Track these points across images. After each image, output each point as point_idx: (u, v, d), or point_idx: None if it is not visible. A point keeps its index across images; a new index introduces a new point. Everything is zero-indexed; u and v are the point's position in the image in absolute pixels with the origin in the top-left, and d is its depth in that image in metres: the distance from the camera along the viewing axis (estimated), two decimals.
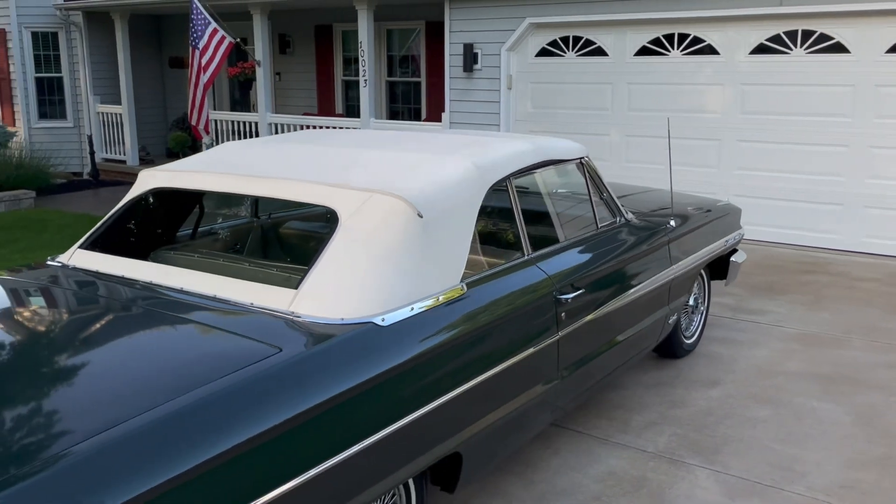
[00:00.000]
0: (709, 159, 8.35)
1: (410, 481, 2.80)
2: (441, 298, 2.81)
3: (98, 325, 2.67)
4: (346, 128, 9.82)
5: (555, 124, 9.16)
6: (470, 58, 9.36)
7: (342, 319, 2.53)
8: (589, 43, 8.87)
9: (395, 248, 2.73)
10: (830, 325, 5.74)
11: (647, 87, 8.60)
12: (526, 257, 3.38)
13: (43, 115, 13.56)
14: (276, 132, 11.24)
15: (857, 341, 5.41)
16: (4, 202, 10.99)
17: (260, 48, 11.20)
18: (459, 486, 2.95)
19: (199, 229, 3.79)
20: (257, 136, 11.41)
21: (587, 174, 3.99)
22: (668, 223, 4.53)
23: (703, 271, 5.22)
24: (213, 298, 2.71)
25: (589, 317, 3.59)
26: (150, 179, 3.45)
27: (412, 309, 2.69)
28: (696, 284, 5.16)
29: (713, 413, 4.34)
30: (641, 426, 4.19)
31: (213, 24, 10.00)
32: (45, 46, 13.31)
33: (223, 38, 10.11)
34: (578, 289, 3.49)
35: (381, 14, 10.56)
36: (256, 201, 4.07)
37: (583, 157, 3.98)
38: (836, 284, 6.73)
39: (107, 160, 13.45)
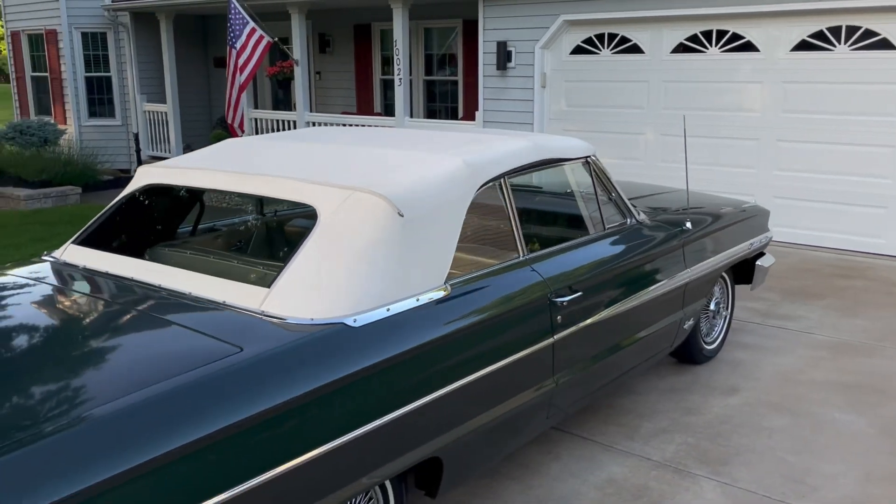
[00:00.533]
0: (747, 159, 8.09)
1: (388, 484, 2.75)
2: (421, 300, 2.75)
3: (65, 322, 2.68)
4: (381, 127, 9.81)
5: (589, 123, 9.00)
6: (503, 56, 9.24)
7: (312, 319, 2.48)
8: (624, 40, 8.68)
9: (372, 248, 2.67)
10: (864, 332, 5.49)
11: (684, 85, 8.38)
12: (520, 258, 3.29)
13: (93, 114, 13.93)
14: None
15: (891, 350, 5.16)
16: (51, 198, 11.33)
17: (298, 47, 11.28)
18: (441, 491, 2.88)
19: (194, 227, 3.78)
20: None
21: (593, 174, 3.87)
22: (685, 224, 4.38)
23: (725, 275, 5.04)
24: (188, 296, 2.69)
25: (588, 321, 3.47)
26: (146, 175, 3.46)
27: (388, 310, 2.62)
28: (717, 288, 4.99)
29: (728, 421, 4.18)
30: (650, 433, 4.06)
31: (251, 24, 10.11)
32: (95, 46, 13.65)
33: (261, 37, 10.21)
34: (577, 292, 3.38)
35: (416, 13, 10.52)
36: (261, 200, 4.06)
37: (589, 156, 3.86)
38: (873, 290, 6.44)
39: (153, 157, 13.74)
